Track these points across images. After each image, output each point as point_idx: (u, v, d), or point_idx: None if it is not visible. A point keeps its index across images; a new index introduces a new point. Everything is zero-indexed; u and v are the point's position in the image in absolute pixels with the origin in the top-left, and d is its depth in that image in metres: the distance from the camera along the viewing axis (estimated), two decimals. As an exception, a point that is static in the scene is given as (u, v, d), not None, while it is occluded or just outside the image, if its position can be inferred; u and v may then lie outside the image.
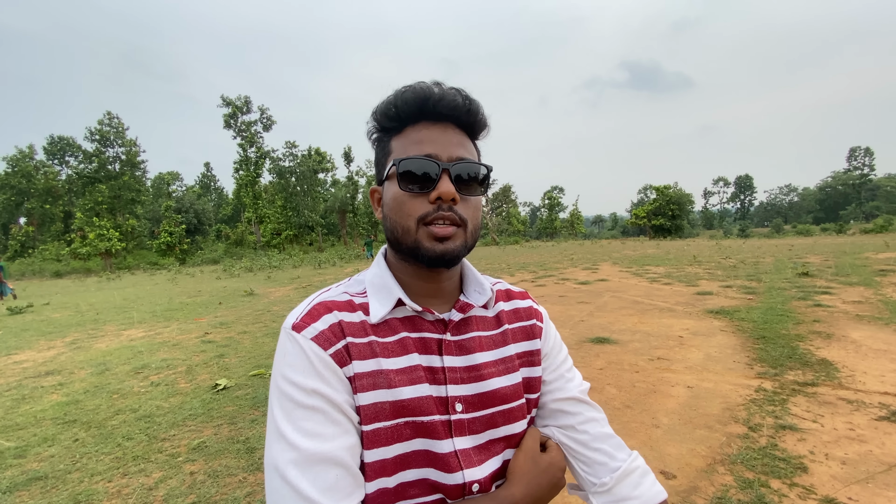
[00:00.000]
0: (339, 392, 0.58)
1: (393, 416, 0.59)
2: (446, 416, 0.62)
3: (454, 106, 0.63)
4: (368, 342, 0.62)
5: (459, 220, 0.63)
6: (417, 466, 0.61)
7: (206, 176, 68.56)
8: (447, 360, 0.64)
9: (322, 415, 0.56)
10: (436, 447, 0.61)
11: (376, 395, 0.59)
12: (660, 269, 13.47)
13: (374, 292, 0.66)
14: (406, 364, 0.62)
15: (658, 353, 5.00)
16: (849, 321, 5.89)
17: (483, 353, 0.68)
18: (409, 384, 0.61)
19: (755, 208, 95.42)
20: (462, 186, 0.64)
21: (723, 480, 2.50)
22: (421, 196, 0.62)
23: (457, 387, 0.64)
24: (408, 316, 0.66)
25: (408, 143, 0.64)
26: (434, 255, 0.62)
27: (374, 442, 0.59)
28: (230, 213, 59.02)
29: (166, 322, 8.46)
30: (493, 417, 0.65)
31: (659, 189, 49.75)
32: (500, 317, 0.74)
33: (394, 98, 0.64)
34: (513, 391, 0.68)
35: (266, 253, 35.08)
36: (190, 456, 3.05)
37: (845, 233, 38.91)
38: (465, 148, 0.65)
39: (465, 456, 0.62)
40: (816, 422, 3.13)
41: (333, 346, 0.60)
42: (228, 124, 38.54)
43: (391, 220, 0.65)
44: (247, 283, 15.83)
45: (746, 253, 18.29)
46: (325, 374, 0.58)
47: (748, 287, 9.16)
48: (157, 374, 5.03)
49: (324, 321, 0.61)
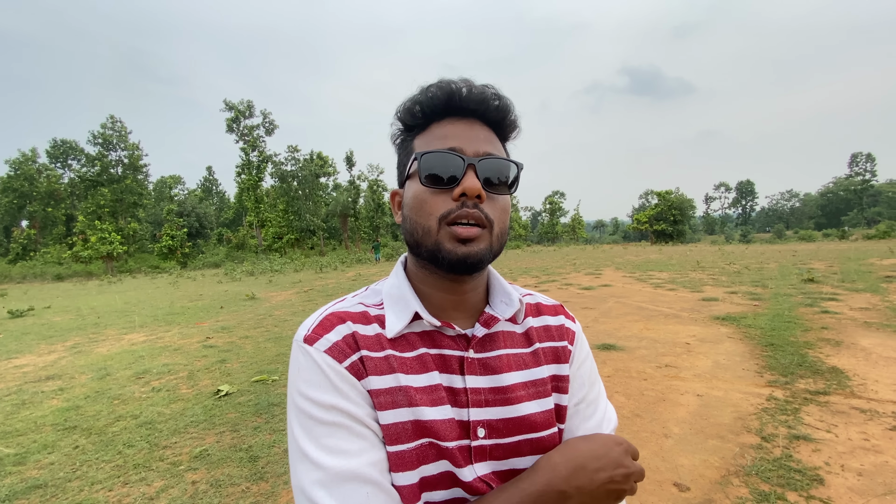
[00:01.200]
0: (359, 406, 0.54)
1: (416, 436, 0.55)
2: (466, 442, 0.57)
3: (482, 100, 0.59)
4: (385, 356, 0.57)
5: (485, 221, 0.58)
6: (444, 488, 0.56)
7: (207, 180, 68.69)
8: (469, 380, 0.59)
9: (345, 430, 0.52)
10: (458, 474, 0.56)
11: (397, 413, 0.55)
12: (663, 274, 13.40)
13: (391, 304, 0.62)
14: (427, 382, 0.57)
15: (666, 360, 4.93)
16: (857, 328, 5.82)
17: (512, 374, 0.62)
18: (431, 404, 0.56)
19: (757, 214, 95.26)
20: (489, 184, 0.59)
21: (738, 493, 2.44)
22: (444, 193, 0.57)
23: (480, 410, 0.58)
24: (426, 331, 0.61)
25: (431, 139, 0.60)
26: (455, 257, 0.57)
27: (399, 465, 0.54)
28: (232, 216, 59.10)
29: (168, 326, 8.42)
30: (520, 446, 0.59)
31: (660, 194, 49.72)
32: (530, 333, 0.67)
33: (419, 94, 0.61)
34: (544, 419, 0.61)
35: (268, 257, 35.07)
36: (192, 464, 3.00)
37: (848, 238, 38.79)
38: (492, 145, 0.61)
39: (490, 480, 0.57)
40: (830, 432, 3.07)
41: (348, 358, 0.56)
42: (231, 128, 38.66)
43: (411, 221, 0.60)
44: (248, 287, 15.79)
45: (750, 258, 18.22)
46: (343, 387, 0.54)
47: (753, 293, 9.10)
48: (158, 380, 4.97)
49: (337, 332, 0.57)
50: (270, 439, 3.32)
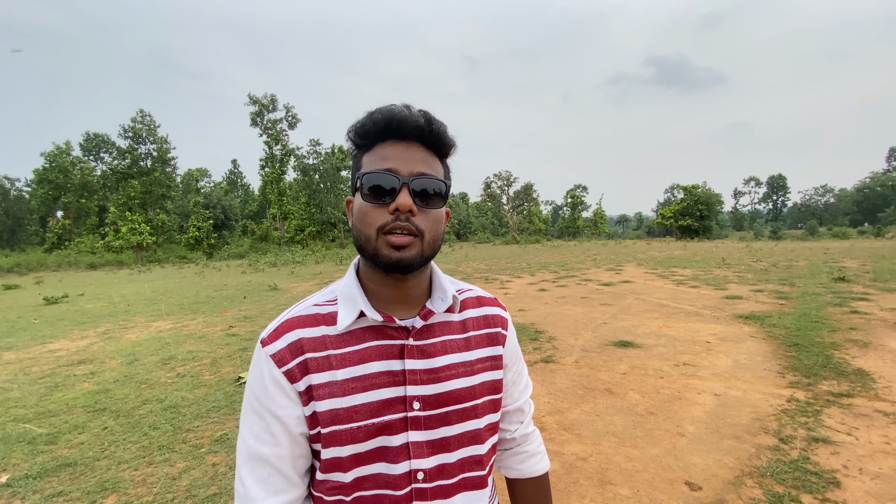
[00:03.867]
0: (281, 407, 0.67)
1: (347, 420, 0.67)
2: (403, 414, 0.69)
3: (417, 126, 0.68)
4: (326, 356, 0.69)
5: (416, 231, 0.67)
6: (370, 462, 0.68)
7: (232, 172, 70.16)
8: (408, 363, 0.70)
9: (264, 423, 0.67)
10: (388, 441, 0.68)
11: (331, 402, 0.67)
12: (687, 271, 13.12)
13: (343, 302, 0.72)
14: (360, 373, 0.68)
15: (684, 358, 4.86)
16: (887, 329, 5.61)
17: (446, 357, 0.73)
18: (361, 391, 0.68)
19: (788, 209, 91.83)
20: (422, 199, 0.68)
21: (751, 494, 2.40)
22: (381, 207, 0.67)
23: (416, 387, 0.70)
24: (371, 326, 0.71)
25: (374, 159, 0.69)
26: (390, 261, 0.66)
27: (331, 442, 0.67)
28: (256, 209, 60.22)
29: (193, 315, 8.70)
30: (448, 416, 0.72)
31: (686, 188, 48.47)
32: (467, 323, 0.79)
33: (365, 118, 0.70)
34: (469, 392, 0.74)
35: (290, 248, 35.71)
36: (212, 447, 3.12)
37: (884, 236, 37.13)
38: (427, 164, 0.70)
39: (416, 448, 0.70)
40: (851, 434, 2.99)
41: (286, 364, 0.67)
42: (255, 122, 39.35)
43: (356, 229, 0.70)
44: (271, 277, 16.15)
45: (779, 256, 17.66)
46: (272, 390, 0.67)
47: (780, 292, 8.84)
48: (183, 366, 5.16)
49: (284, 339, 0.69)
50: (287, 426, 3.42)
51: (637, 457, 2.85)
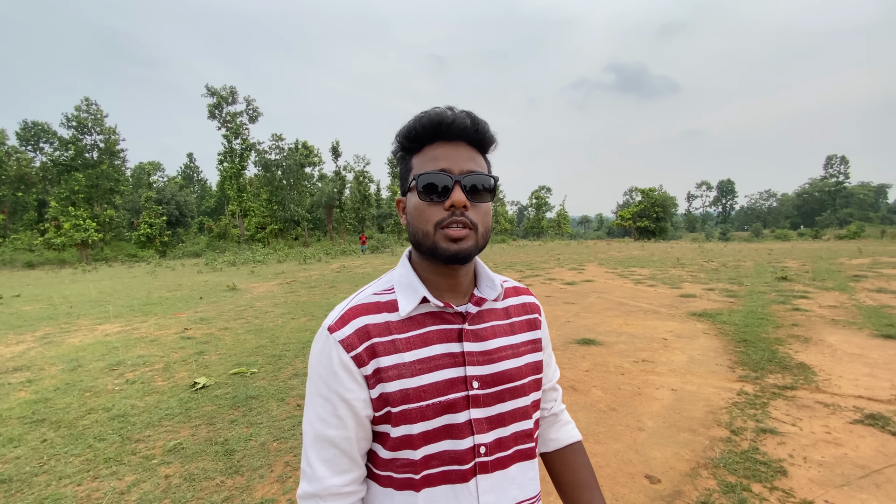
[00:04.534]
0: (349, 391, 0.71)
1: (416, 399, 0.72)
2: (465, 393, 0.74)
3: (464, 127, 0.74)
4: (392, 340, 0.73)
5: (471, 224, 0.73)
6: (438, 440, 0.73)
7: (188, 167, 67.03)
8: (466, 345, 0.76)
9: (331, 406, 0.72)
10: (454, 419, 0.74)
11: (401, 383, 0.72)
12: (644, 270, 13.63)
13: (402, 290, 0.78)
14: (425, 355, 0.74)
15: (643, 355, 5.03)
16: (825, 325, 6.02)
17: (496, 340, 0.80)
18: (427, 371, 0.73)
19: (736, 212, 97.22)
20: (473, 195, 0.74)
21: (706, 485, 2.51)
22: (437, 204, 0.73)
23: (474, 367, 0.76)
24: (431, 311, 0.77)
25: (425, 160, 0.75)
26: (449, 253, 0.72)
27: (402, 420, 0.72)
28: (213, 205, 57.89)
29: (144, 317, 8.24)
30: (502, 394, 0.78)
31: (644, 191, 50.41)
32: (509, 310, 0.86)
33: (413, 122, 0.75)
34: (517, 372, 0.81)
35: (250, 247, 34.52)
36: (165, 458, 2.95)
37: (821, 238, 39.96)
38: (475, 162, 0.76)
39: (478, 424, 0.75)
40: (795, 425, 3.18)
41: (355, 349, 0.72)
42: (213, 114, 37.78)
43: (413, 226, 0.76)
44: (229, 277, 15.55)
45: (728, 256, 18.65)
46: (341, 374, 0.71)
47: (730, 290, 9.32)
48: (132, 372, 4.87)
49: (351, 326, 0.74)
50: (247, 433, 3.29)
51: (600, 452, 2.92)
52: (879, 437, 2.94)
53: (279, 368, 4.81)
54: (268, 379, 4.48)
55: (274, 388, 4.19)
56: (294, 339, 6.06)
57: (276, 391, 4.13)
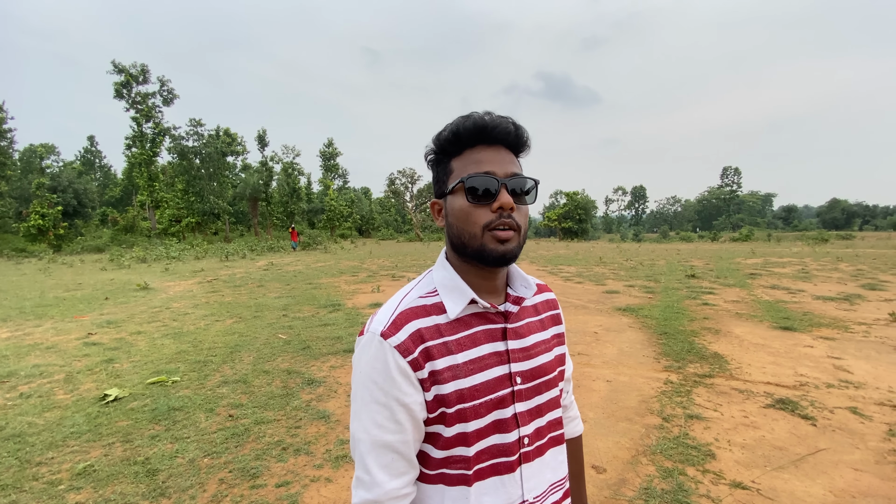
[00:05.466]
0: (407, 395, 0.72)
1: (471, 398, 0.74)
2: (510, 388, 0.78)
3: (507, 132, 0.77)
4: (444, 342, 0.75)
5: (516, 226, 0.75)
6: (488, 435, 0.76)
7: (89, 151, 59.72)
8: (510, 343, 0.80)
9: (389, 413, 0.72)
10: (502, 414, 0.77)
11: (456, 384, 0.74)
12: (571, 268, 14.37)
13: (447, 293, 0.79)
14: (476, 355, 0.77)
15: (578, 348, 5.27)
16: (731, 318, 6.72)
17: (532, 336, 0.85)
18: (479, 371, 0.76)
19: (647, 216, 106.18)
20: (516, 197, 0.76)
21: (647, 471, 2.67)
22: (484, 207, 0.74)
23: (518, 364, 0.80)
24: (477, 312, 0.80)
25: (468, 163, 0.76)
26: (497, 254, 0.74)
27: (458, 420, 0.74)
28: (119, 195, 52.16)
29: (38, 320, 7.19)
30: (539, 387, 0.83)
31: (569, 194, 53.22)
32: (538, 307, 0.91)
33: (455, 126, 0.77)
34: (550, 365, 0.86)
35: (163, 242, 31.56)
36: (74, 483, 2.57)
37: (718, 240, 44.77)
38: (515, 165, 0.79)
39: (522, 417, 0.79)
40: (717, 410, 3.49)
41: (411, 354, 0.73)
42: (120, 94, 33.88)
43: (458, 228, 0.77)
44: (140, 275, 14.07)
45: (643, 256, 20.23)
46: (399, 379, 0.72)
47: (648, 287, 10.10)
48: (27, 384, 4.22)
49: (405, 331, 0.74)
50: (172, 449, 2.97)
51: (548, 446, 3.00)
52: (790, 420, 3.32)
53: (205, 376, 4.41)
54: (192, 388, 4.09)
55: (200, 398, 3.83)
56: (220, 343, 5.60)
57: (203, 401, 3.77)
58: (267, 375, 4.40)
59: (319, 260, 18.87)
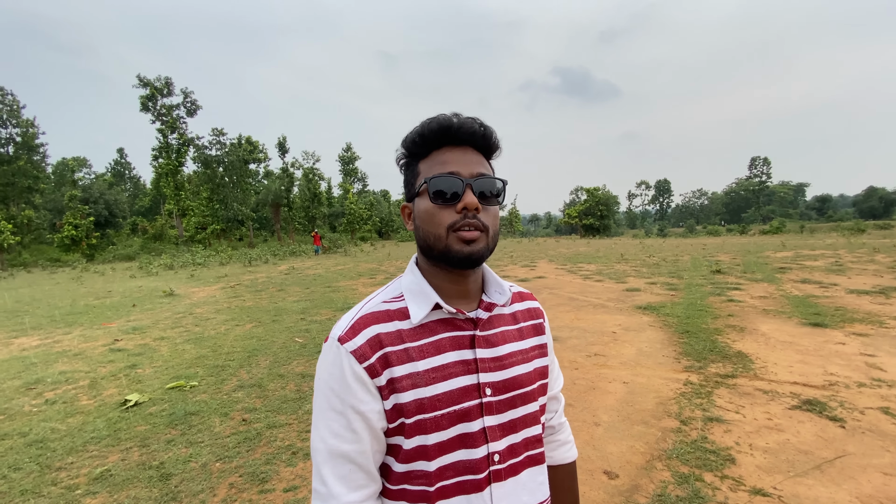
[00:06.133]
0: (363, 402, 0.70)
1: (431, 408, 0.71)
2: (478, 400, 0.74)
3: (472, 132, 0.75)
4: (405, 349, 0.72)
5: (482, 226, 0.73)
6: (452, 450, 0.72)
7: (119, 163, 62.11)
8: (479, 352, 0.76)
9: (345, 421, 0.70)
10: (468, 427, 0.73)
11: (416, 392, 0.71)
12: (591, 266, 14.12)
13: (412, 297, 0.77)
14: (439, 363, 0.73)
15: (595, 349, 5.16)
16: (757, 315, 6.46)
17: (506, 346, 0.80)
18: (441, 380, 0.72)
19: (672, 210, 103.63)
20: (483, 198, 0.74)
21: (661, 476, 2.57)
22: (449, 207, 0.73)
23: (487, 374, 0.75)
24: (443, 318, 0.76)
25: (434, 164, 0.75)
26: (462, 255, 0.72)
27: (417, 431, 0.70)
28: (148, 204, 54.03)
29: (67, 328, 7.48)
30: (513, 400, 0.78)
31: (589, 190, 52.48)
32: (517, 315, 0.86)
33: (421, 128, 0.76)
34: (528, 378, 0.81)
35: (189, 249, 32.50)
36: (91, 487, 2.64)
37: (747, 234, 43.34)
38: (483, 166, 0.76)
39: (492, 432, 0.74)
40: (739, 413, 3.35)
41: (367, 360, 0.70)
42: (146, 107, 35.11)
43: (423, 230, 0.75)
44: (166, 282, 14.52)
45: (666, 251, 19.74)
46: (354, 386, 0.70)
47: (670, 284, 9.83)
48: (53, 390, 4.38)
49: (363, 335, 0.72)
50: (186, 453, 3.02)
51: (559, 451, 2.92)
52: (818, 422, 3.15)
53: (222, 380, 4.50)
54: (210, 392, 4.17)
55: (216, 403, 3.90)
56: (239, 348, 5.71)
57: (218, 405, 3.84)
58: (282, 379, 4.45)
59: (339, 263, 19.09)
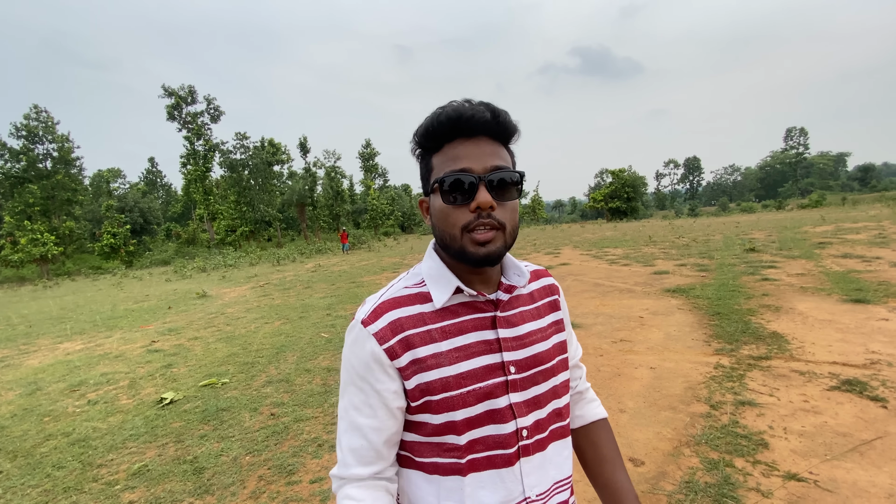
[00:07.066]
0: (380, 382, 0.73)
1: (457, 386, 0.73)
2: (503, 378, 0.75)
3: (484, 121, 0.71)
4: (427, 330, 0.74)
5: (498, 224, 0.71)
6: (481, 426, 0.74)
7: (151, 172, 64.47)
8: (501, 332, 0.77)
9: (364, 396, 0.74)
10: (495, 404, 0.74)
11: (440, 371, 0.73)
12: (618, 250, 13.81)
13: (433, 282, 0.78)
14: (462, 343, 0.75)
15: (620, 334, 5.05)
16: (794, 293, 6.18)
17: (526, 325, 0.81)
18: (465, 359, 0.74)
19: (703, 188, 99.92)
20: (498, 193, 0.72)
21: (689, 463, 2.50)
22: (462, 207, 0.71)
23: (510, 353, 0.77)
24: (464, 301, 0.77)
25: (446, 160, 0.73)
26: (478, 257, 0.71)
27: (444, 408, 0.72)
28: (180, 210, 55.98)
29: (108, 332, 7.86)
30: (536, 376, 0.79)
31: (614, 173, 51.15)
32: (534, 294, 0.88)
33: (430, 121, 0.73)
34: (548, 354, 0.82)
35: (221, 251, 33.56)
36: (129, 483, 2.77)
37: (784, 209, 41.45)
38: (498, 157, 0.73)
39: (518, 408, 0.76)
40: (773, 395, 3.22)
41: (388, 342, 0.73)
42: (172, 116, 36.29)
43: (439, 229, 0.75)
44: (200, 284, 15.04)
45: (697, 231, 19.10)
46: (373, 366, 0.73)
47: (701, 265, 9.51)
48: (95, 391, 4.61)
49: (384, 319, 0.74)
50: (218, 448, 3.13)
51: (583, 439, 2.88)
52: (858, 402, 3.00)
53: (252, 377, 4.63)
54: (240, 389, 4.30)
55: (246, 399, 4.02)
56: (267, 345, 5.86)
57: (248, 401, 3.96)
58: (308, 374, 4.55)
59: (363, 259, 19.32)
